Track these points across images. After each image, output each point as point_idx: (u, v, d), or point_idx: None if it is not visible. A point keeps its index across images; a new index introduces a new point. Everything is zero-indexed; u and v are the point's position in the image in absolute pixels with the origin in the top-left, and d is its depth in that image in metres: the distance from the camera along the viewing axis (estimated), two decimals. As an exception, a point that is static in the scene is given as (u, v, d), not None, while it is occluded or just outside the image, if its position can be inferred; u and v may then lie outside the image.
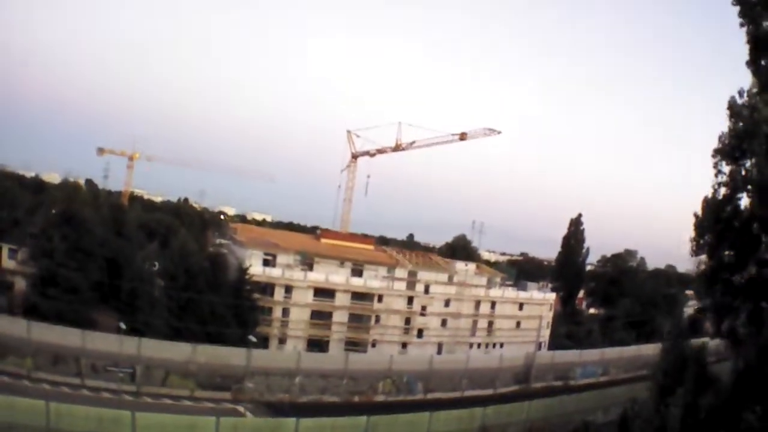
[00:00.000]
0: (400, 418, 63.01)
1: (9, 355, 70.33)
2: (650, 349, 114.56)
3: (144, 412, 51.86)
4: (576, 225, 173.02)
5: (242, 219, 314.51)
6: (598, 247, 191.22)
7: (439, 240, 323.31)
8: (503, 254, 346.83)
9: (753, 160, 30.26)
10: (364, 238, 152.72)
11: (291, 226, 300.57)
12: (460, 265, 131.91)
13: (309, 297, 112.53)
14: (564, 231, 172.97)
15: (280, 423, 57.38)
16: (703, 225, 30.99)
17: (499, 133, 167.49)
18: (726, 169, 31.42)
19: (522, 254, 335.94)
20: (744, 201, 32.16)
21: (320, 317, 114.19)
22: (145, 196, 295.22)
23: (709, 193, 32.37)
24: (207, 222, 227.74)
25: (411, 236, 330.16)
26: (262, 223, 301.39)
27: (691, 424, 24.06)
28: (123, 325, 73.15)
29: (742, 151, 31.40)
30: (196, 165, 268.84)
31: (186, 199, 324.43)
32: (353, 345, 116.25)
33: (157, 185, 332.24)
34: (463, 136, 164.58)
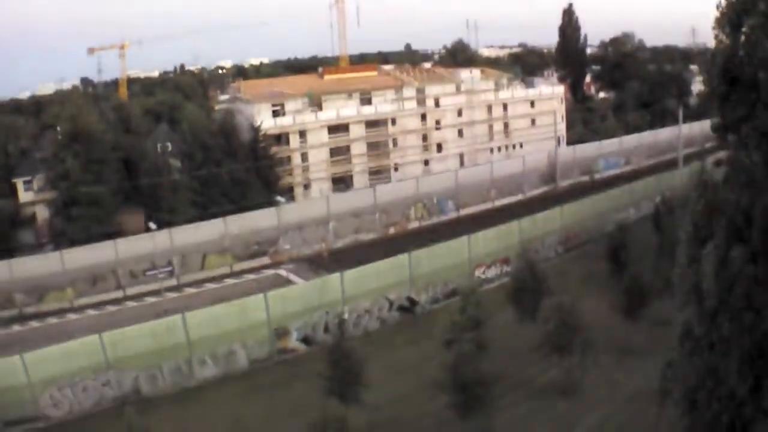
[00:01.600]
0: (439, 248, 62.78)
1: (49, 292, 70.32)
2: (666, 134, 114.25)
3: (191, 311, 51.64)
4: (569, 14, 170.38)
5: (240, 69, 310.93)
6: (594, 33, 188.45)
7: (436, 45, 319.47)
8: (502, 47, 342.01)
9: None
10: (366, 65, 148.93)
11: (291, 64, 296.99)
12: (464, 73, 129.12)
13: (324, 136, 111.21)
14: (557, 14, 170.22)
15: (326, 281, 57.01)
16: (713, 75, 29.25)
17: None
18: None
19: (521, 45, 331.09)
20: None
21: (339, 153, 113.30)
22: (143, 76, 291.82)
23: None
24: (207, 83, 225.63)
25: (408, 46, 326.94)
26: (260, 68, 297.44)
27: (725, 278, 23.03)
28: (152, 225, 72.01)
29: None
30: (185, 31, 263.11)
31: (182, 67, 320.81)
32: (376, 174, 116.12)
33: (152, 63, 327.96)
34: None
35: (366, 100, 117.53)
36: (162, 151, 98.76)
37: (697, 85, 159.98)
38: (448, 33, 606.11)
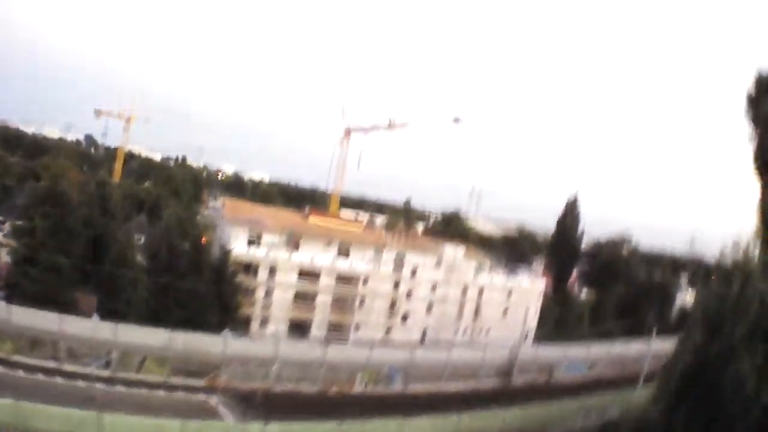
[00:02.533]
0: (371, 424, 63.15)
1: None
2: (637, 347, 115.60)
3: (112, 411, 52.07)
4: (572, 206, 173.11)
5: (239, 179, 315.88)
6: (594, 224, 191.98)
7: (437, 205, 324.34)
8: (500, 222, 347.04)
9: None
10: (354, 221, 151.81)
11: (288, 189, 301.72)
12: (449, 249, 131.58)
13: (293, 278, 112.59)
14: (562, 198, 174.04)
15: (246, 429, 57.41)
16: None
17: (493, 119, 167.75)
18: None
19: (519, 223, 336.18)
20: None
21: (304, 299, 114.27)
22: (143, 154, 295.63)
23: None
24: (203, 184, 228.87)
25: (408, 201, 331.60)
26: (259, 184, 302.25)
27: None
28: (98, 316, 73.06)
29: None
30: (194, 120, 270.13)
31: (184, 158, 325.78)
32: (336, 328, 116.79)
33: (156, 141, 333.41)
34: (456, 120, 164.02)
35: (344, 252, 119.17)
36: (131, 247, 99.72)
37: (683, 297, 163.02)
38: (452, 196, 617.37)
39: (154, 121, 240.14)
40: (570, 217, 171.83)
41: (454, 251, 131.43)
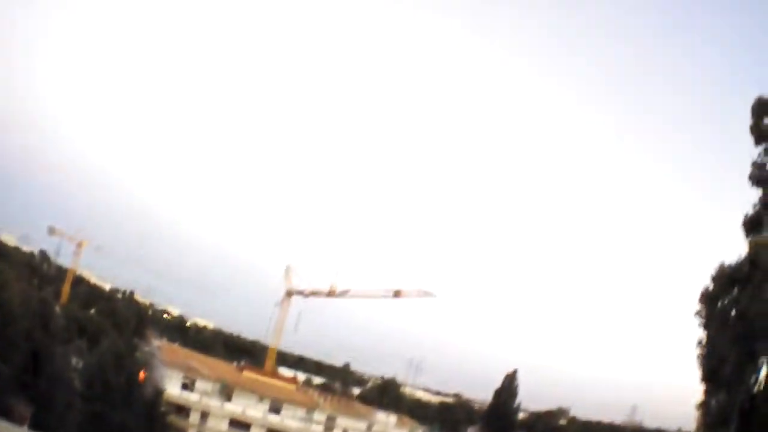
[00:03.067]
0: None
1: None
2: None
3: None
4: (510, 380, 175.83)
5: (182, 323, 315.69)
6: (532, 395, 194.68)
7: (377, 370, 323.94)
8: (438, 393, 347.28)
9: None
10: (289, 378, 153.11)
11: (231, 339, 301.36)
12: (381, 416, 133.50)
13: (224, 426, 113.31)
14: (502, 372, 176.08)
15: None
16: None
17: (434, 296, 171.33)
18: None
19: (456, 395, 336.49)
20: None
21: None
22: (92, 280, 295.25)
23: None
24: (147, 321, 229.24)
25: (347, 365, 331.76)
26: (203, 330, 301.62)
27: None
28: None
29: None
30: (144, 265, 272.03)
31: (132, 293, 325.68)
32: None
33: (106, 270, 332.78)
34: (397, 294, 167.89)
35: (275, 409, 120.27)
36: (68, 371, 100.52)
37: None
38: (393, 361, 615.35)
39: (105, 249, 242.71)
40: (507, 389, 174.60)
41: (386, 417, 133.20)
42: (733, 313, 39.17)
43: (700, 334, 41.34)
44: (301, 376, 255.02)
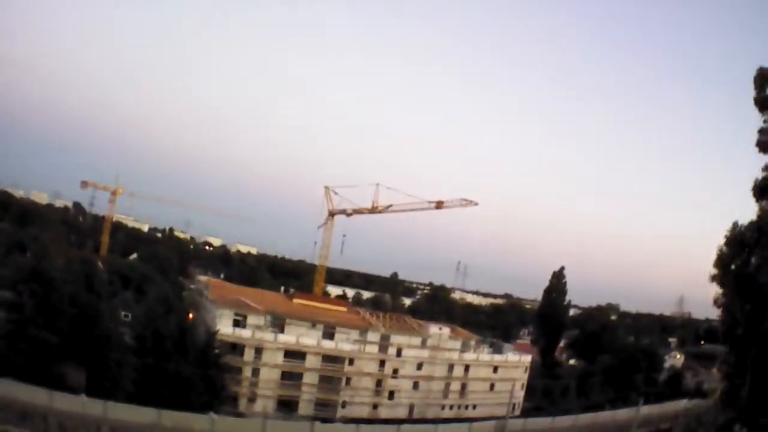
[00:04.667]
0: None
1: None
2: (624, 414, 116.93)
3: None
4: (558, 278, 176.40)
5: (226, 252, 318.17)
6: (581, 290, 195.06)
7: (425, 277, 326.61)
8: (488, 295, 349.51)
9: None
10: (338, 300, 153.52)
11: (276, 262, 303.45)
12: (434, 329, 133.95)
13: (279, 358, 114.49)
14: (549, 269, 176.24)
15: None
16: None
17: (476, 204, 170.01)
18: None
19: (506, 295, 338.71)
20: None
21: (290, 378, 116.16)
22: (131, 224, 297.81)
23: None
24: (189, 257, 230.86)
25: (395, 275, 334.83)
26: (246, 257, 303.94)
27: None
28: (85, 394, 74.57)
29: None
30: (179, 203, 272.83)
31: (171, 230, 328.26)
32: (323, 406, 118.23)
33: (143, 211, 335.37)
34: (439, 205, 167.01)
35: (329, 334, 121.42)
36: (117, 326, 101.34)
37: (672, 360, 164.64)
38: (439, 269, 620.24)
39: (140, 193, 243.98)
40: (556, 288, 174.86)
41: (439, 331, 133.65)
42: (745, 277, 41.35)
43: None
44: (350, 292, 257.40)
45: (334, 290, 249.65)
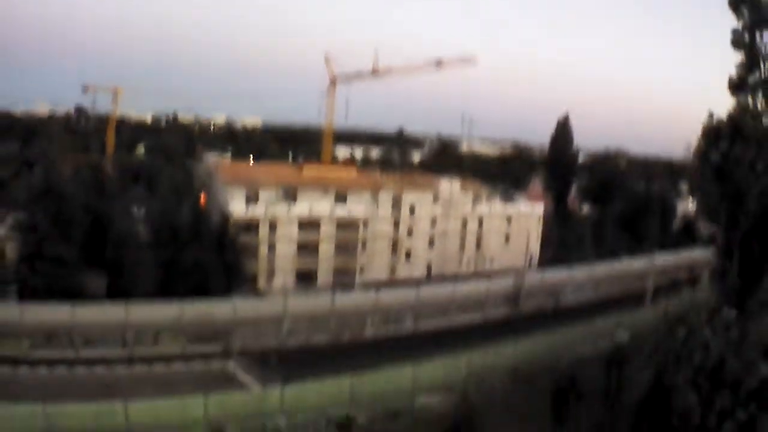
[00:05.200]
0: (382, 374, 65.98)
1: (5, 340, 73.29)
2: (640, 264, 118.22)
3: (135, 396, 55.35)
4: (563, 126, 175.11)
5: (231, 128, 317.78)
6: (590, 134, 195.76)
7: (431, 130, 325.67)
8: (495, 143, 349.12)
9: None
10: (347, 163, 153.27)
11: (282, 131, 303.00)
12: (444, 184, 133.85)
13: (294, 231, 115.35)
14: (556, 113, 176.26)
15: (267, 394, 60.43)
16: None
17: (475, 61, 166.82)
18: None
19: (513, 144, 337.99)
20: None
21: (307, 249, 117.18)
22: (134, 117, 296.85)
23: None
24: (196, 138, 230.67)
25: (401, 129, 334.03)
26: (252, 131, 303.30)
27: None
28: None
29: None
30: (183, 78, 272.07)
31: (175, 116, 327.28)
32: (342, 273, 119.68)
33: (146, 106, 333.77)
34: (439, 64, 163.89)
35: (341, 198, 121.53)
36: (131, 223, 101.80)
37: (683, 206, 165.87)
38: (444, 120, 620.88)
39: (140, 88, 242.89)
40: (562, 136, 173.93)
41: (449, 185, 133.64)
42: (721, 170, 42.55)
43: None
44: (359, 152, 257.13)
45: (343, 152, 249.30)
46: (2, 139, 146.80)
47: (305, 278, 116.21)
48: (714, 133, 42.02)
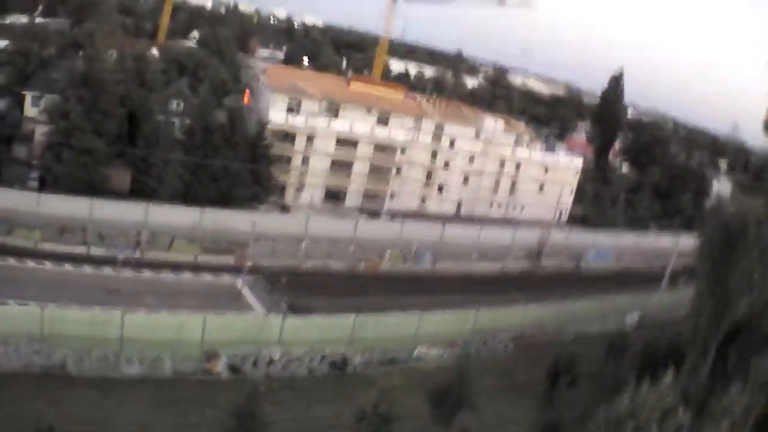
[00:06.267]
0: (386, 319, 66.38)
1: (19, 228, 74.28)
2: (666, 241, 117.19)
3: (137, 304, 56.37)
4: (616, 82, 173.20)
5: (290, 25, 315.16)
6: (643, 92, 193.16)
7: (490, 55, 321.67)
8: (549, 81, 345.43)
9: None
10: (395, 84, 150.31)
11: (340, 35, 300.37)
12: (488, 121, 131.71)
13: (331, 146, 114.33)
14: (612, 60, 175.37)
15: (267, 323, 60.95)
16: None
17: (535, 6, 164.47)
18: None
19: (566, 85, 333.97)
20: None
21: (340, 167, 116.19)
22: (194, 1, 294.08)
23: None
24: (252, 31, 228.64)
25: (460, 52, 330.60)
26: (311, 30, 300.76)
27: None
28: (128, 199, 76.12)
29: None
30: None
31: (236, 4, 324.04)
32: (371, 197, 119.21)
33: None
34: (501, 1, 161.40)
35: (383, 120, 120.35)
36: (167, 118, 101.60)
37: (720, 185, 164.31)
38: (502, 50, 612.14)
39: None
40: (614, 92, 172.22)
41: (494, 123, 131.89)
42: None
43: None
44: (413, 69, 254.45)
45: (398, 66, 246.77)
46: (55, 12, 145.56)
47: (334, 197, 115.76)
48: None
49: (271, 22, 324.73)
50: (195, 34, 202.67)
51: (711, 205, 41.52)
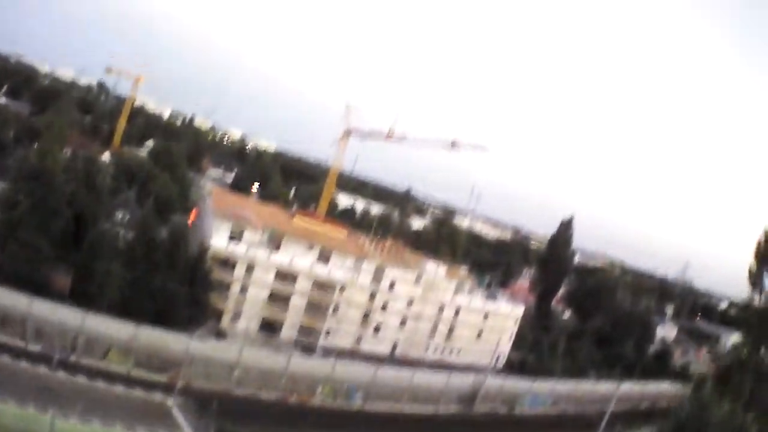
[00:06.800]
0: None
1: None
2: (605, 387, 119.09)
3: (67, 408, 56.12)
4: (566, 228, 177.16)
5: (243, 147, 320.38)
6: (587, 236, 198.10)
7: (438, 196, 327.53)
8: (497, 225, 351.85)
9: None
10: (339, 223, 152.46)
11: (292, 163, 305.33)
12: (430, 266, 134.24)
13: (270, 278, 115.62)
14: (560, 208, 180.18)
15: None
16: None
17: (488, 150, 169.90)
18: None
19: (514, 229, 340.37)
20: None
21: (278, 299, 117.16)
22: (153, 107, 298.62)
23: None
24: (204, 150, 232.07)
25: (408, 191, 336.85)
26: (263, 154, 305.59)
27: None
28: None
29: None
30: (204, 91, 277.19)
31: (192, 118, 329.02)
32: (307, 332, 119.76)
33: (168, 96, 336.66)
34: (454, 144, 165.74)
35: (324, 258, 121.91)
36: (110, 231, 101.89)
37: (665, 331, 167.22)
38: (452, 187, 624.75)
39: (164, 80, 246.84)
40: (563, 238, 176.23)
41: (435, 268, 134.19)
42: None
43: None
44: (361, 204, 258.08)
45: (345, 200, 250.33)
46: (19, 96, 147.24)
47: (270, 328, 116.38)
48: None
49: (225, 142, 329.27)
50: (149, 143, 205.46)
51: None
